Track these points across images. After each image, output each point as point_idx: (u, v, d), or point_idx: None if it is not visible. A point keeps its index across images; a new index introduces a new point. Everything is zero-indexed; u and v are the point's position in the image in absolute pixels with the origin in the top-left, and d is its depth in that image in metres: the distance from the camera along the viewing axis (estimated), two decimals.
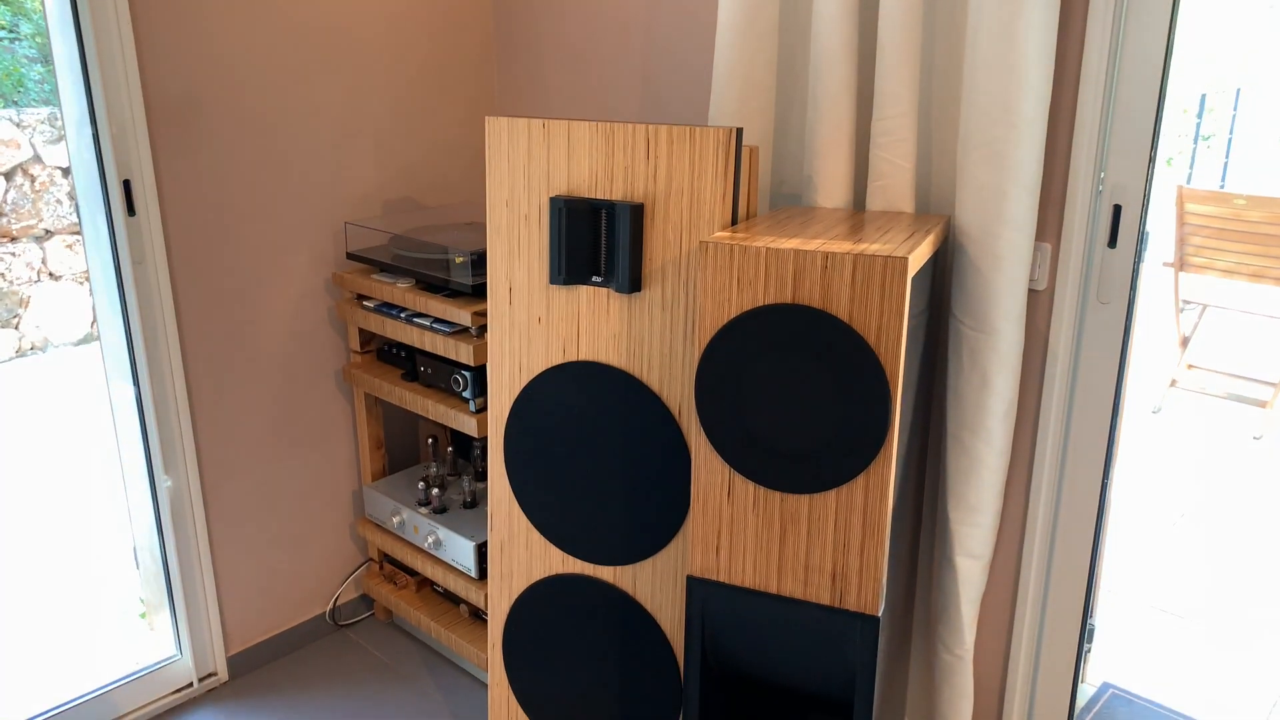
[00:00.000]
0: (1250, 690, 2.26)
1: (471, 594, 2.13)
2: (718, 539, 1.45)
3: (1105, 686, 2.19)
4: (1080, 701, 2.04)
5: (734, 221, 1.50)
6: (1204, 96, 6.38)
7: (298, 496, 2.35)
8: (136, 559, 2.26)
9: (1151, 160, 1.56)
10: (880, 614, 1.38)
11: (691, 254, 1.53)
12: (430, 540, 2.20)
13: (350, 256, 2.24)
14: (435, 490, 2.24)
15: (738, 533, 1.43)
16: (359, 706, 2.19)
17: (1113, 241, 1.62)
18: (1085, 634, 1.87)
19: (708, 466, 1.43)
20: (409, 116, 2.37)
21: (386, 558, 2.46)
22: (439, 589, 2.37)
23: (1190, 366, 4.12)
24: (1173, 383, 4.13)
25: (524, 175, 1.63)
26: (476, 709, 2.18)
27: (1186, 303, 4.20)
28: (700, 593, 1.49)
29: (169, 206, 1.99)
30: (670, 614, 1.70)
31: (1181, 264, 4.19)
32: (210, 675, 2.26)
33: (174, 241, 2.01)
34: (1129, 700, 2.17)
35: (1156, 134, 1.55)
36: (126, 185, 1.91)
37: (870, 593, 1.37)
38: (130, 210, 1.93)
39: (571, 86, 2.33)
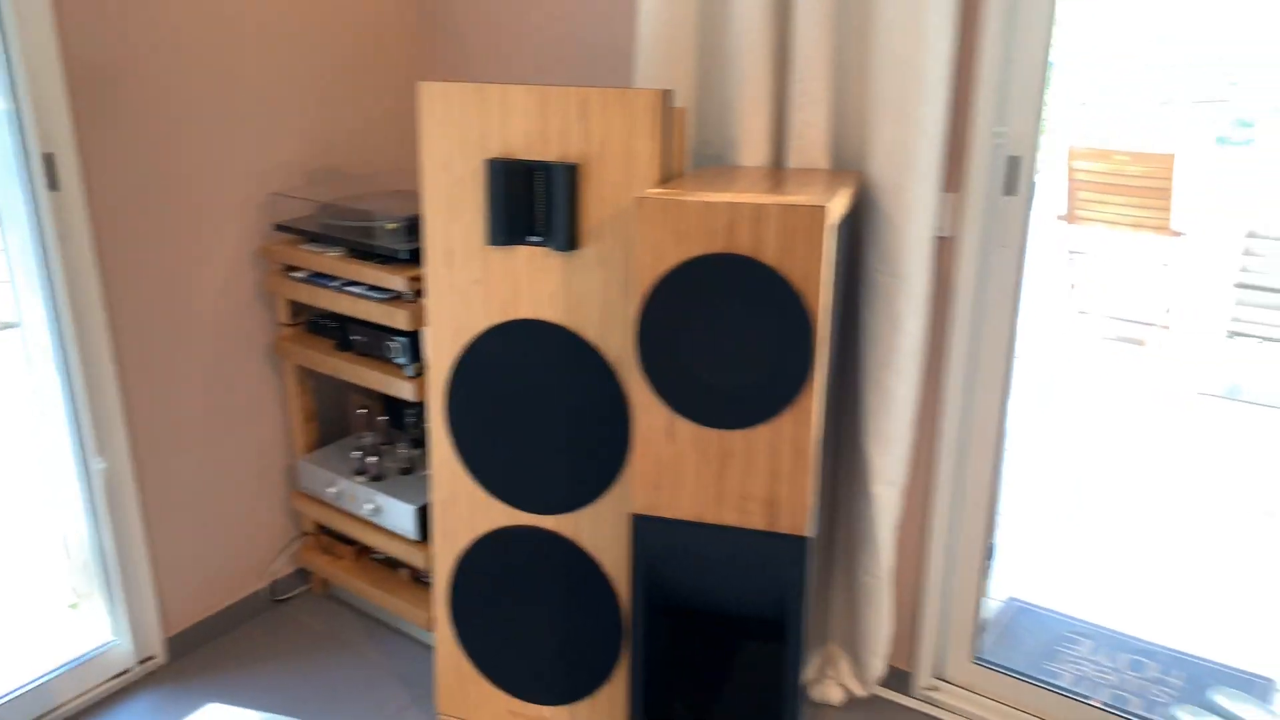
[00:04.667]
0: (1137, 589, 2.48)
1: (413, 557, 2.18)
2: (659, 477, 1.54)
3: (1011, 601, 2.38)
4: (989, 615, 2.22)
5: (665, 179, 1.59)
6: (1092, 56, 6.77)
7: (231, 473, 2.35)
8: (66, 547, 2.24)
9: (1040, 114, 1.70)
10: (810, 534, 1.50)
11: (626, 211, 1.61)
12: (369, 508, 2.24)
13: (278, 228, 2.25)
14: (371, 459, 2.27)
15: (678, 470, 1.53)
16: (301, 679, 2.22)
17: (1010, 190, 1.76)
18: (985, 554, 2.03)
19: (649, 410, 1.51)
20: (333, 87, 2.38)
21: (324, 529, 2.49)
22: (377, 556, 2.41)
23: (1080, 311, 4.39)
24: (1064, 326, 4.40)
25: (460, 139, 1.67)
26: (422, 669, 2.24)
27: (1076, 252, 4.47)
28: (644, 529, 1.59)
29: (93, 180, 1.96)
30: (612, 555, 1.79)
31: (1072, 217, 4.45)
32: (149, 658, 2.26)
33: (99, 216, 1.99)
34: (1032, 612, 2.36)
35: (1044, 90, 1.69)
36: (48, 159, 1.88)
37: (800, 515, 1.49)
38: (52, 185, 1.90)
39: (498, 58, 2.36)
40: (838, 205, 1.46)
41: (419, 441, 2.42)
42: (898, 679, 2.11)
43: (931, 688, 2.09)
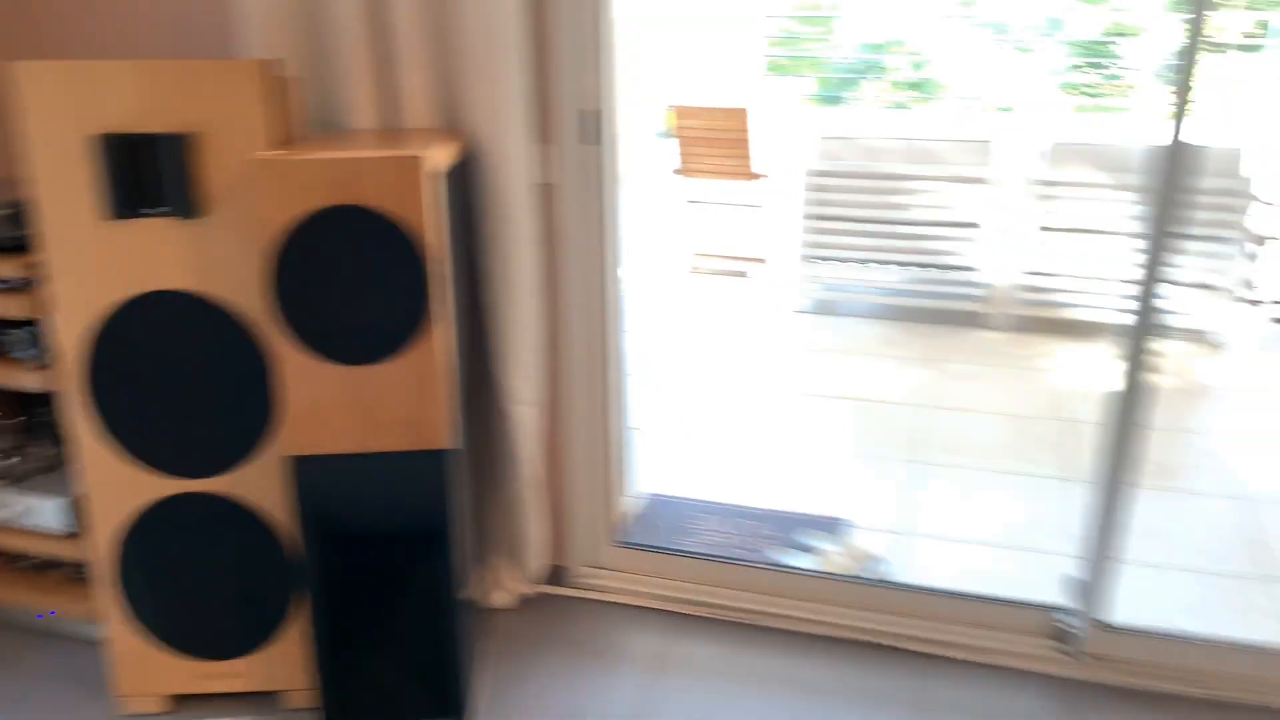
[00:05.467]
0: (745, 469, 2.99)
1: (71, 552, 2.14)
2: (311, 418, 1.69)
3: (652, 496, 2.77)
4: (631, 508, 2.59)
5: (281, 143, 1.72)
6: None
7: None
8: None
9: (603, 73, 2.03)
10: (452, 447, 1.73)
11: (246, 176, 1.72)
12: (13, 512, 2.15)
13: None
14: (9, 462, 2.18)
15: (328, 408, 1.69)
16: None
17: (591, 140, 2.08)
18: (619, 455, 2.39)
19: (292, 358, 1.66)
20: None
21: None
22: (29, 563, 2.32)
23: (698, 254, 4.98)
24: (690, 269, 4.97)
25: (65, 118, 1.68)
26: (96, 664, 2.20)
27: (692, 201, 5.05)
28: (303, 469, 1.73)
29: None
30: (274, 502, 1.91)
31: (684, 170, 5.00)
32: None
33: None
34: (667, 501, 2.77)
35: (608, 52, 2.02)
36: None
37: (441, 431, 1.71)
38: None
39: (97, 36, 2.31)
40: (438, 157, 1.67)
41: (59, 438, 2.34)
42: (557, 574, 2.42)
43: (586, 575, 2.42)
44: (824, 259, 4.42)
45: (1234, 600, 2.41)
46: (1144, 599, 2.35)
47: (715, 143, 4.66)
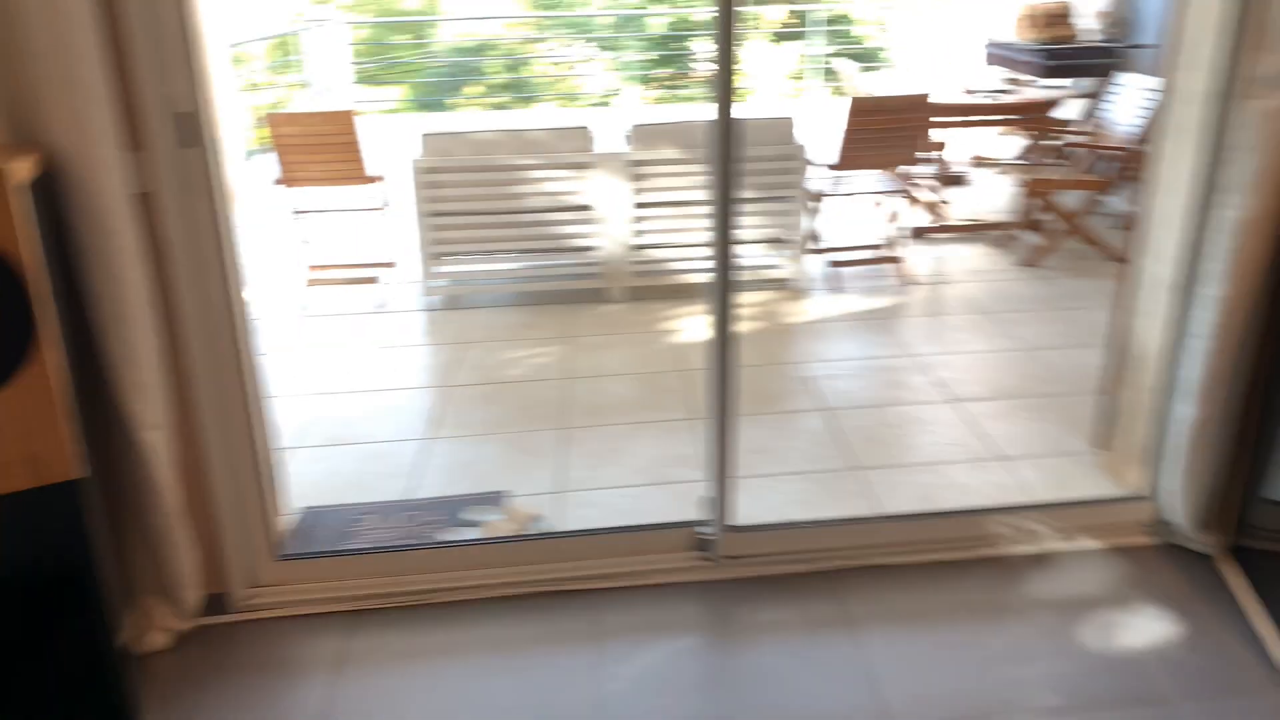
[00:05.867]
0: (396, 465, 3.04)
1: None
2: None
3: (306, 510, 2.72)
4: (289, 524, 2.53)
5: None
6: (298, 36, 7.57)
7: None
8: None
9: (195, 72, 1.97)
10: (81, 475, 1.61)
11: None
12: None
13: None
14: None
15: None
16: None
17: (190, 143, 2.01)
18: (267, 473, 2.33)
19: None
20: None
21: None
22: None
23: (313, 266, 4.84)
24: (310, 282, 4.82)
25: None
26: None
27: (300, 212, 4.88)
28: None
29: None
30: None
31: (287, 180, 4.82)
32: None
33: None
34: (326, 511, 2.73)
35: (196, 52, 1.96)
36: None
37: (67, 461, 1.60)
38: None
39: None
40: (19, 170, 1.55)
41: None
42: (218, 601, 2.31)
43: (249, 597, 2.33)
44: (449, 254, 4.52)
45: (830, 489, 2.88)
46: (762, 503, 2.74)
47: (320, 149, 4.56)
